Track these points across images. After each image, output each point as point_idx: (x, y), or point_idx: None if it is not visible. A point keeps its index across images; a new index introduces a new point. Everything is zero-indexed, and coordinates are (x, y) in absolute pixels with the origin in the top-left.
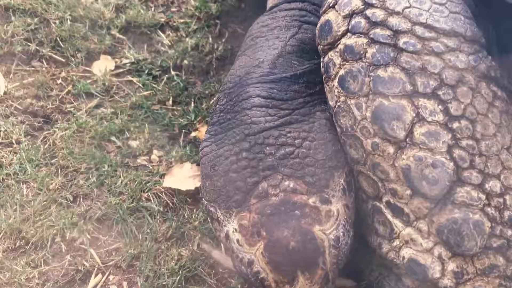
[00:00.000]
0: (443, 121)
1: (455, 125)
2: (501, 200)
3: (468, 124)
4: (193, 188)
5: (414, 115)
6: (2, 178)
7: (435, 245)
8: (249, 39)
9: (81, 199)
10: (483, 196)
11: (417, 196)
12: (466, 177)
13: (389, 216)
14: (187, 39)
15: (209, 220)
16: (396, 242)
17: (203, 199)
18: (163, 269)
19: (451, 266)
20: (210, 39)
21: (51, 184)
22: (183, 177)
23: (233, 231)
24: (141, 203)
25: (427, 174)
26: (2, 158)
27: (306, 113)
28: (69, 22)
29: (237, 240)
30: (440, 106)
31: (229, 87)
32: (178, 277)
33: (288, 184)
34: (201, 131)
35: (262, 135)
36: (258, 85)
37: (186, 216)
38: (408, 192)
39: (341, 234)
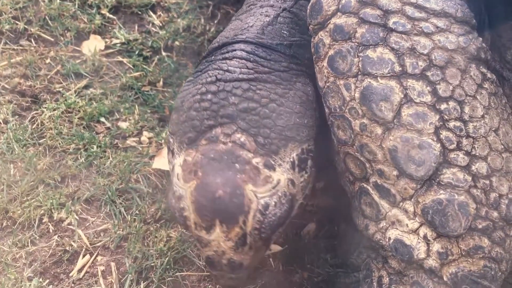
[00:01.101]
0: (431, 102)
1: (443, 106)
2: (487, 182)
3: (456, 106)
4: None
5: (402, 96)
6: None
7: (421, 226)
8: (246, 5)
9: (69, 180)
10: (469, 178)
11: (404, 177)
12: (452, 158)
13: (376, 197)
14: (179, 20)
15: (167, 151)
16: (383, 224)
17: (167, 130)
18: (151, 251)
19: (436, 246)
20: (202, 20)
21: (39, 164)
22: None
23: (178, 165)
24: (130, 184)
25: (413, 155)
26: None
27: (286, 78)
28: (58, 1)
29: (177, 174)
30: (428, 87)
31: (215, 46)
32: (167, 259)
33: (240, 137)
34: None
35: (232, 84)
36: (242, 44)
37: None
38: (395, 173)
39: (273, 204)
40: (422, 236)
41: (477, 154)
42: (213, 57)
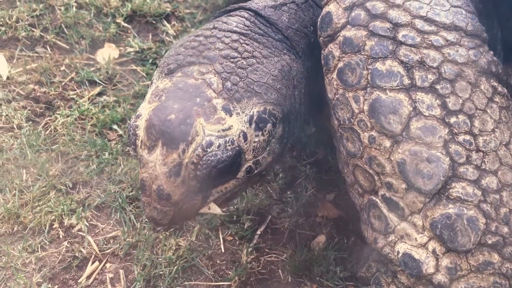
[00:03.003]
0: (440, 116)
1: (453, 120)
2: (497, 196)
3: (466, 119)
4: None
5: (411, 109)
6: (2, 162)
7: (430, 240)
8: None
9: (81, 186)
10: (479, 192)
11: (412, 190)
12: (462, 172)
13: (385, 210)
14: (193, 29)
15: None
16: (392, 237)
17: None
18: (160, 259)
19: (445, 261)
20: None
21: (51, 170)
22: None
23: (150, 90)
24: (140, 192)
25: (422, 168)
26: (2, 143)
27: (276, 46)
28: (74, 9)
29: (146, 98)
30: (437, 101)
31: (222, 11)
32: (175, 267)
33: (211, 77)
34: None
35: (225, 33)
36: (247, 11)
37: None
38: (404, 186)
39: (217, 144)
40: (431, 250)
41: (487, 168)
42: (219, 15)
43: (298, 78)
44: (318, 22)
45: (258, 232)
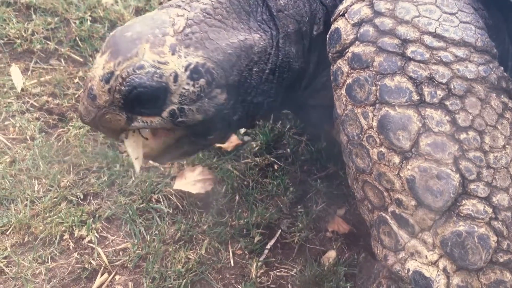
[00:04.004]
0: (450, 132)
1: (463, 136)
2: (508, 214)
3: (476, 136)
4: (203, 192)
5: (420, 125)
6: (15, 173)
7: (440, 258)
8: None
9: (92, 198)
10: (490, 210)
11: (422, 207)
12: (472, 189)
13: (395, 227)
14: None
15: None
16: (402, 254)
17: None
18: (169, 272)
19: (456, 280)
20: None
21: (63, 181)
22: (194, 180)
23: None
24: (151, 204)
25: (431, 185)
26: (15, 154)
27: (251, 26)
28: (89, 23)
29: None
30: (447, 117)
31: None
32: (185, 280)
33: (180, 20)
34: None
35: None
36: None
37: (195, 219)
38: (413, 202)
39: (147, 71)
40: (442, 268)
41: (498, 186)
42: None
43: (262, 56)
44: (327, 38)
45: (268, 246)
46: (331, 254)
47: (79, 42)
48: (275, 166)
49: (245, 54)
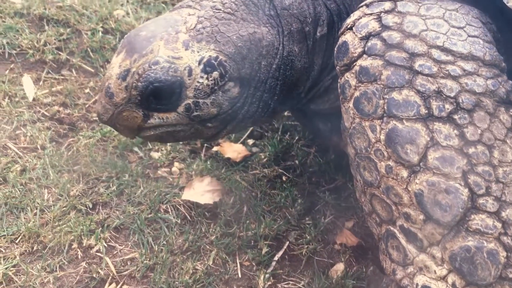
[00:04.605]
0: (458, 146)
1: (471, 150)
2: None
3: (485, 150)
4: (211, 203)
5: (428, 139)
6: (25, 182)
7: (449, 273)
8: None
9: (100, 207)
10: (499, 225)
11: (430, 222)
12: (481, 204)
13: (403, 241)
14: None
15: None
16: (410, 269)
17: None
18: (177, 282)
19: None
20: None
21: (72, 190)
22: (203, 190)
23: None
24: (159, 214)
25: (440, 199)
26: (26, 163)
27: (261, 18)
28: (100, 34)
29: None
30: (455, 131)
31: None
32: None
33: (191, 18)
34: (223, 146)
35: None
36: None
37: (203, 230)
38: (421, 217)
39: (162, 66)
40: (451, 283)
41: (508, 200)
42: None
43: (270, 50)
44: (335, 51)
45: (276, 258)
46: (339, 267)
47: (91, 53)
48: (284, 178)
49: (254, 47)
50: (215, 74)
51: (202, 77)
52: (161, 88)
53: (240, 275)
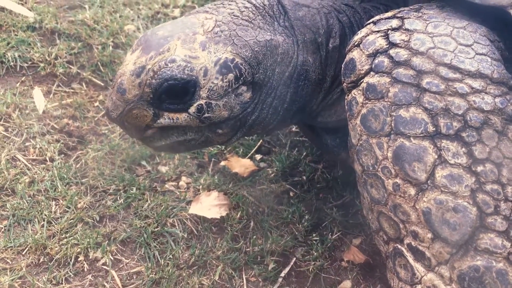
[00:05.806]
0: (466, 164)
1: (480, 168)
2: None
3: (493, 168)
4: (218, 217)
5: (436, 157)
6: (33, 193)
7: None
8: None
9: (107, 220)
10: (508, 244)
11: (438, 240)
12: (490, 223)
13: (411, 260)
14: None
15: None
16: None
17: None
18: None
19: None
20: None
21: (80, 203)
22: (210, 205)
23: None
24: (165, 228)
25: (448, 218)
26: (34, 174)
27: (276, 28)
28: (111, 48)
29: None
30: (463, 149)
31: None
32: None
33: (208, 21)
34: (231, 161)
35: (243, 1)
36: None
37: (209, 244)
38: (429, 235)
39: (178, 64)
40: None
41: None
42: None
43: (284, 58)
44: (342, 68)
45: (282, 274)
46: (347, 284)
47: (101, 67)
48: (291, 193)
49: (270, 53)
50: (230, 76)
51: (217, 78)
52: (176, 86)
53: None
